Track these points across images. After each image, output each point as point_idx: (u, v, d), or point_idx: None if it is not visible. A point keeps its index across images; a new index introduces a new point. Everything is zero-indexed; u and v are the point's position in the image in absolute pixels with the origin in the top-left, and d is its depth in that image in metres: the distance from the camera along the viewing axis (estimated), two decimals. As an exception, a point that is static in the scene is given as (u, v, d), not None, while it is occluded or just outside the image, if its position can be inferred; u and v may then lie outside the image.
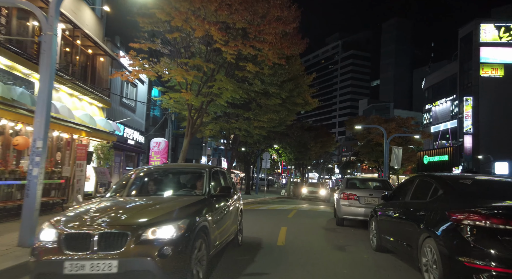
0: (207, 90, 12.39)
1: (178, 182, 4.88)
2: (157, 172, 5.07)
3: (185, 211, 3.50)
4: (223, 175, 5.41)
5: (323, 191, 23.82)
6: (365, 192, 8.87)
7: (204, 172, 4.60)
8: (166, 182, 4.83)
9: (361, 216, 8.56)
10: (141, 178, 4.80)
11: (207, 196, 4.21)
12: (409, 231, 4.38)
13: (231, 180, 5.97)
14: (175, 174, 5.01)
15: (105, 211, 3.41)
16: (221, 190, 4.51)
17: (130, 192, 4.51)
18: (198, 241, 3.38)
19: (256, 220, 10.18)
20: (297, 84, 17.55)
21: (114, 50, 13.47)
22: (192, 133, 13.27)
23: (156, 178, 4.87)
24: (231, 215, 5.00)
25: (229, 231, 4.90)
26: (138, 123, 16.80)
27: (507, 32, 35.47)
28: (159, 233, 3.05)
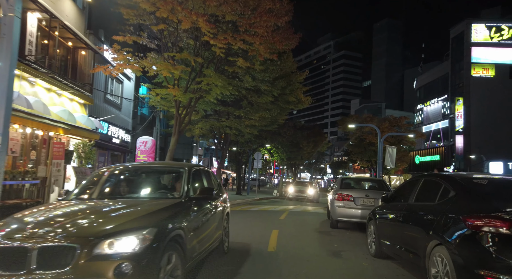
0: (196, 86, 11.81)
1: (153, 182, 4.26)
2: (128, 171, 4.39)
3: (153, 217, 2.94)
4: (206, 175, 4.85)
5: (311, 190, 22.15)
6: (360, 192, 8.42)
7: (183, 171, 4.02)
8: (138, 183, 4.21)
9: (357, 218, 8.10)
10: (110, 178, 4.14)
11: (185, 199, 3.65)
12: (415, 237, 3.90)
13: (216, 180, 5.35)
14: (150, 174, 4.36)
15: (55, 218, 2.80)
16: (202, 191, 3.90)
17: (94, 195, 3.87)
18: (169, 253, 2.84)
19: (246, 222, 9.66)
20: (289, 82, 17.09)
21: (98, 44, 12.79)
22: (180, 132, 12.67)
23: (127, 178, 4.21)
24: (214, 220, 4.44)
25: (212, 238, 4.35)
26: (124, 121, 16.11)
27: (498, 32, 35.66)
28: (118, 245, 2.48)
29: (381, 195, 8.27)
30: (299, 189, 22.28)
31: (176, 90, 11.18)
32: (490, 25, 35.89)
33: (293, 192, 22.30)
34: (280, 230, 8.08)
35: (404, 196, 4.80)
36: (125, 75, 15.76)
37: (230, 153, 32.71)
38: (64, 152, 9.11)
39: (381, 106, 71.44)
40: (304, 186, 22.90)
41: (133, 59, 11.13)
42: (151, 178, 4.31)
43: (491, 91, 34.80)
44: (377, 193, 8.35)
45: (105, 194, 3.93)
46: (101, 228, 2.58)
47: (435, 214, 3.58)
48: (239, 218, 10.56)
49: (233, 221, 9.63)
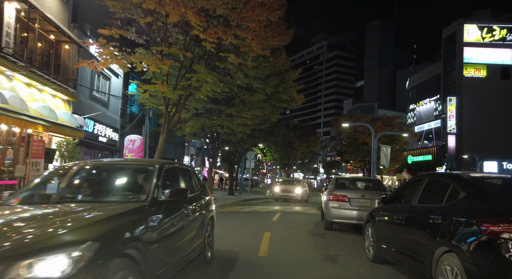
0: (185, 83, 11.38)
1: (115, 183, 3.56)
2: (86, 170, 3.65)
3: (98, 227, 2.27)
4: (184, 174, 4.24)
5: (299, 189, 20.34)
6: (356, 193, 8.09)
7: (152, 169, 3.37)
8: (96, 184, 3.52)
9: (353, 219, 7.77)
10: (63, 178, 3.43)
11: (150, 203, 2.97)
12: (419, 242, 3.55)
13: (199, 181, 4.75)
14: (112, 173, 3.64)
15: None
16: (172, 194, 3.22)
17: (37, 199, 3.20)
18: (121, 273, 2.22)
19: (237, 224, 9.26)
20: (282, 80, 16.73)
21: (83, 38, 12.27)
22: (169, 130, 12.21)
23: (83, 178, 3.53)
24: (192, 227, 3.81)
25: (190, 248, 3.73)
26: (111, 119, 15.57)
27: (490, 32, 35.84)
28: (40, 268, 1.85)
29: (378, 195, 7.98)
30: (286, 188, 20.50)
31: (165, 87, 10.73)
32: (482, 26, 36.06)
33: (279, 191, 20.53)
34: (273, 232, 7.70)
35: (405, 197, 4.46)
36: (113, 71, 15.23)
37: (223, 152, 32.28)
38: (44, 151, 8.60)
39: (373, 107, 71.66)
40: (291, 185, 21.06)
41: (120, 54, 10.66)
42: (113, 177, 3.60)
43: (483, 92, 34.96)
44: (373, 193, 8.04)
45: (52, 198, 3.20)
46: (19, 245, 1.93)
47: (443, 217, 3.23)
48: (230, 220, 10.16)
49: (223, 223, 9.25)
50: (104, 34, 10.35)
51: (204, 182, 4.98)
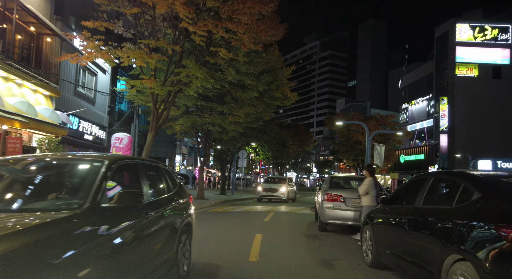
0: (174, 78, 10.92)
1: (46, 184, 2.77)
2: (12, 167, 2.88)
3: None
4: (152, 173, 3.57)
5: (284, 188, 18.53)
6: (351, 192, 7.75)
7: (98, 165, 2.64)
8: (21, 185, 2.72)
9: (348, 220, 7.43)
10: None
11: (85, 211, 2.21)
12: (426, 248, 3.20)
13: (175, 180, 4.06)
14: (45, 170, 2.90)
15: None
16: (121, 198, 2.47)
17: None
18: None
19: (227, 225, 8.86)
20: (275, 77, 16.35)
21: (67, 31, 11.70)
22: (158, 128, 11.74)
23: (11, 177, 2.77)
24: (156, 238, 3.09)
25: (152, 265, 2.98)
26: (98, 116, 15.00)
27: (482, 32, 36.01)
28: None
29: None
30: (269, 188, 18.66)
31: (152, 82, 10.26)
32: (474, 25, 36.21)
33: (262, 191, 18.64)
34: (264, 234, 7.32)
35: (407, 197, 4.11)
36: (99, 67, 14.67)
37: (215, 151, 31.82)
38: (21, 148, 8.07)
39: (366, 106, 71.84)
40: (276, 184, 19.19)
41: (106, 48, 10.16)
42: (45, 177, 2.85)
43: (475, 91, 35.11)
44: (369, 193, 7.70)
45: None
46: None
47: (453, 221, 2.88)
48: (220, 221, 9.76)
49: (212, 224, 8.83)
50: (88, 27, 9.85)
51: (181, 182, 4.31)
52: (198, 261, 4.78)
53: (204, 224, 8.94)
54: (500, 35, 35.94)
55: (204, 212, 12.19)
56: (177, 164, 43.60)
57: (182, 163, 46.89)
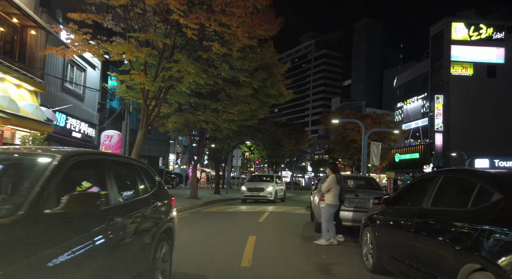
0: (165, 74, 10.52)
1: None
2: None
3: None
4: (123, 171, 3.10)
5: (270, 187, 16.49)
6: (349, 192, 7.43)
7: (46, 163, 2.16)
8: None
9: (347, 221, 7.11)
10: None
11: (25, 218, 1.77)
12: (436, 254, 2.88)
13: (151, 180, 3.50)
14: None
15: None
16: (71, 201, 1.96)
17: None
18: None
19: (220, 226, 8.50)
20: (270, 74, 16.01)
21: (53, 24, 11.22)
22: (148, 125, 11.34)
23: None
24: (124, 249, 2.58)
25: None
26: (87, 113, 14.52)
27: (477, 31, 35.99)
28: None
29: (373, 194, 7.36)
30: (255, 187, 16.68)
31: (142, 77, 9.85)
32: (469, 24, 36.19)
33: (246, 190, 16.70)
34: (259, 236, 6.98)
35: (413, 198, 3.79)
36: (89, 62, 14.18)
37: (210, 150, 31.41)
38: (1, 145, 7.61)
39: (361, 105, 71.84)
40: (263, 182, 17.34)
41: (95, 42, 9.72)
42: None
43: (470, 90, 35.11)
44: (367, 192, 7.41)
45: None
46: None
47: (469, 225, 2.56)
48: (213, 221, 9.40)
49: (204, 225, 8.46)
50: (75, 19, 9.40)
51: (161, 181, 3.77)
52: (184, 267, 4.42)
53: (195, 224, 8.57)
54: (495, 34, 35.98)
55: (197, 212, 11.82)
56: (171, 162, 43.08)
57: (176, 162, 46.37)
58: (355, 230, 7.68)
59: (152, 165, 35.03)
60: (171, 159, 43.16)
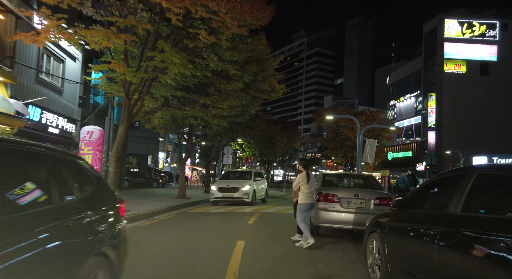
0: (148, 63, 9.70)
1: None
2: None
3: None
4: (33, 164, 2.12)
5: (247, 186, 13.55)
6: (348, 191, 6.77)
7: None
8: None
9: (345, 223, 6.44)
10: None
11: None
12: (475, 274, 2.20)
13: (87, 177, 2.64)
14: None
15: None
16: None
17: None
18: None
19: (206, 229, 7.76)
20: (262, 67, 15.28)
21: (27, 10, 10.30)
22: (130, 120, 10.51)
23: None
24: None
25: None
26: (66, 108, 13.59)
27: (470, 28, 35.82)
28: None
29: (373, 194, 6.70)
30: (228, 186, 13.54)
31: (122, 66, 9.03)
32: (462, 21, 36.00)
33: (217, 191, 13.57)
34: (248, 240, 6.27)
35: (434, 200, 3.12)
36: (68, 53, 13.25)
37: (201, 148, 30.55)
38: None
39: (354, 103, 71.65)
40: (237, 181, 14.10)
41: (72, 30, 8.86)
42: None
43: (463, 88, 34.94)
44: (367, 192, 6.75)
45: None
46: None
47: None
48: (198, 223, 8.64)
49: (188, 228, 7.50)
50: (48, 3, 8.53)
51: (103, 180, 2.89)
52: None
53: (178, 227, 7.82)
54: (488, 31, 35.86)
55: (183, 213, 11.06)
56: (161, 161, 42.05)
57: (166, 160, 45.35)
58: (354, 234, 7.04)
59: (140, 163, 34.05)
60: (160, 157, 42.10)
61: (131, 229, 6.82)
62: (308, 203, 5.98)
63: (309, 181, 6.01)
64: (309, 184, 6.01)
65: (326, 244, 6.34)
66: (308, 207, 6.01)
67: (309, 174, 6.10)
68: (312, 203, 6.03)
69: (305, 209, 5.99)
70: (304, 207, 5.98)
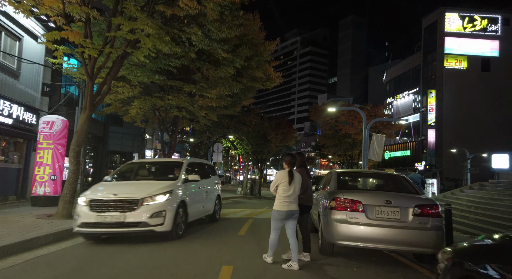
0: (113, 34, 7.76)
1: None
2: None
3: None
4: None
5: (161, 198, 5.86)
6: (375, 196, 4.94)
7: None
8: None
9: (373, 242, 4.62)
10: None
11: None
12: None
13: None
14: None
15: None
16: None
17: None
18: None
19: (183, 245, 5.83)
20: (256, 52, 13.41)
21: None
22: (94, 106, 8.56)
23: None
24: None
25: None
26: (24, 94, 11.51)
27: (471, 22, 34.50)
28: None
29: (411, 201, 4.89)
30: (114, 198, 5.71)
31: (77, 35, 7.09)
32: (463, 15, 34.66)
33: (88, 209, 5.67)
34: (237, 265, 4.43)
35: None
36: (26, 29, 11.19)
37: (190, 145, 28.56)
38: None
39: (348, 101, 70.27)
40: (142, 183, 6.57)
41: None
42: None
43: (463, 84, 33.60)
44: (403, 197, 4.93)
45: None
46: None
47: None
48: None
49: (160, 246, 4.92)
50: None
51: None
52: None
53: (145, 245, 5.84)
54: (490, 26, 34.60)
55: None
56: (148, 159, 39.88)
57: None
58: (383, 255, 5.23)
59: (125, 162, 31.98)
60: (147, 155, 39.90)
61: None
62: (284, 211, 4.53)
63: (291, 181, 4.54)
64: (291, 185, 4.54)
65: (345, 268, 4.51)
66: (284, 216, 4.57)
67: (293, 173, 4.59)
68: (289, 210, 4.55)
69: (279, 218, 4.58)
70: (278, 215, 4.57)
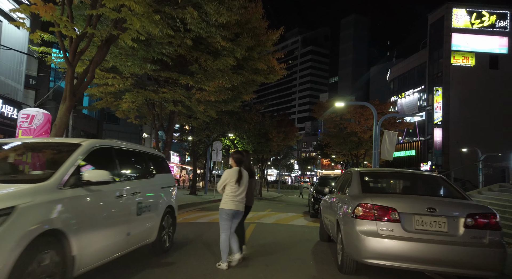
0: (95, 12, 6.73)
1: None
2: None
3: None
4: None
5: None
6: (413, 202, 3.89)
7: None
8: None
9: (413, 261, 3.57)
10: None
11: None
12: None
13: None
14: None
15: None
16: None
17: None
18: None
19: (171, 258, 4.79)
20: (258, 41, 12.38)
21: None
22: (76, 95, 7.53)
23: None
24: None
25: None
26: (4, 86, 10.50)
27: (479, 18, 33.46)
28: None
29: (460, 209, 3.83)
30: None
31: (49, 9, 6.05)
32: (471, 11, 33.62)
33: None
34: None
35: None
36: (5, 14, 10.17)
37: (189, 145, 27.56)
38: None
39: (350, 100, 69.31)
40: None
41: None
42: None
43: (471, 81, 32.54)
44: (449, 204, 3.88)
45: None
46: None
47: None
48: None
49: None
50: None
51: None
52: None
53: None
54: (498, 22, 33.56)
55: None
56: (146, 159, 38.86)
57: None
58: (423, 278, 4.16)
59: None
60: (145, 154, 38.83)
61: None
62: (232, 210, 4.46)
63: (240, 180, 4.49)
64: (240, 184, 4.49)
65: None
66: (231, 215, 4.49)
67: (241, 172, 4.53)
68: (237, 209, 4.50)
69: (228, 218, 4.48)
70: (225, 214, 4.47)
